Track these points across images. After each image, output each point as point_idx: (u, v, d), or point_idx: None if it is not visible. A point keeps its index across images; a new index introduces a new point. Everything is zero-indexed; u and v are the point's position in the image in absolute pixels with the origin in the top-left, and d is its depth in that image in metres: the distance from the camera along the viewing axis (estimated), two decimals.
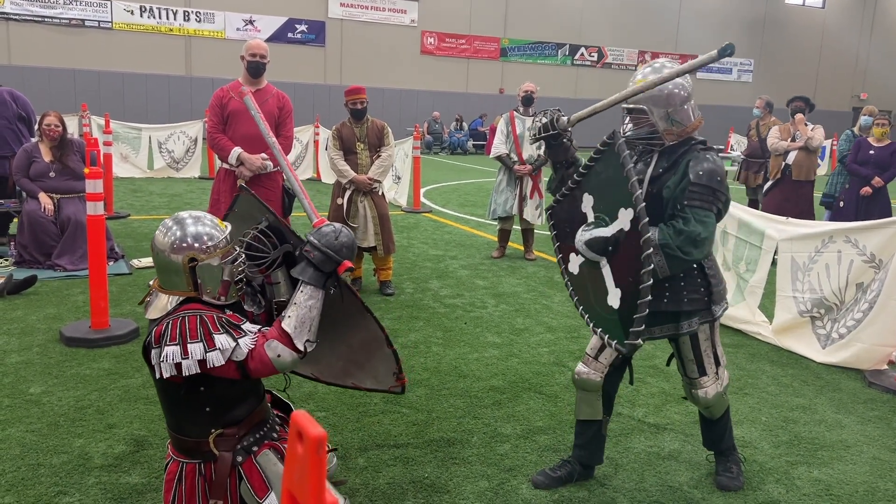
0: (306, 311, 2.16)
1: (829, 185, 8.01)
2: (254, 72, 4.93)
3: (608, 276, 2.59)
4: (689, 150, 2.70)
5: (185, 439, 2.29)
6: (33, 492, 2.75)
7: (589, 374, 2.93)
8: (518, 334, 4.95)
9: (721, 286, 2.84)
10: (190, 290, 2.22)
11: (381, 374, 2.69)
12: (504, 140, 7.24)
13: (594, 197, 2.71)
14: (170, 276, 2.23)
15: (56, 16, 21.31)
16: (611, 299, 2.57)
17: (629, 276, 2.48)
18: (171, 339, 2.08)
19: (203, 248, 2.20)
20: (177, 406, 2.27)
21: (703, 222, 2.58)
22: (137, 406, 3.54)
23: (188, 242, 2.19)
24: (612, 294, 2.56)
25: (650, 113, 2.70)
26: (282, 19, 23.98)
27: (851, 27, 33.45)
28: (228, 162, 4.86)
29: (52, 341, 4.38)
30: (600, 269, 2.62)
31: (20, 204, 6.42)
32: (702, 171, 2.60)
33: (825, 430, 3.64)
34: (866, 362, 4.42)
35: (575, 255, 2.76)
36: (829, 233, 4.70)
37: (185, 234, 2.21)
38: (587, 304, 2.74)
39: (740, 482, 3.03)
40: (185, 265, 2.19)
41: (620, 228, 2.52)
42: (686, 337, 2.83)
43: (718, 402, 2.94)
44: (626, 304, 2.49)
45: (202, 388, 2.21)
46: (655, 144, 2.76)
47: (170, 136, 13.18)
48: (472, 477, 3.02)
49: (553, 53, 28.46)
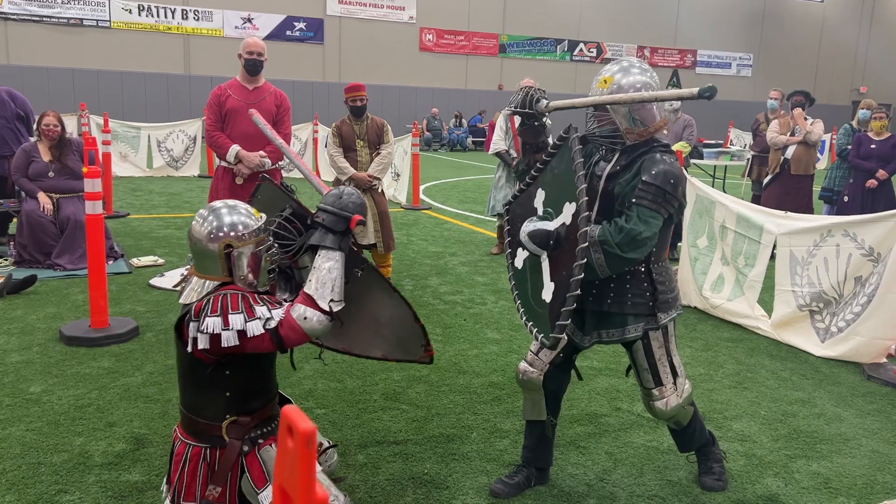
0: (325, 272, 2.23)
1: (828, 178, 8.01)
2: (251, 70, 4.92)
3: (545, 269, 2.55)
4: (648, 150, 2.62)
5: (199, 421, 2.34)
6: (34, 490, 2.76)
7: (528, 371, 2.86)
8: (517, 330, 4.95)
9: (671, 294, 2.74)
10: (225, 275, 2.30)
11: (410, 346, 2.78)
12: (503, 136, 7.23)
13: (545, 192, 2.69)
14: (206, 262, 2.31)
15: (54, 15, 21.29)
16: (544, 293, 2.53)
17: (563, 269, 2.44)
18: (213, 311, 2.16)
19: (238, 236, 2.29)
20: (199, 387, 2.33)
21: (647, 222, 2.51)
22: (137, 404, 3.55)
23: (224, 231, 2.28)
24: (546, 288, 2.52)
25: (612, 111, 2.63)
26: (280, 17, 23.95)
27: (850, 20, 33.39)
28: (227, 160, 4.86)
29: (52, 340, 4.39)
30: (540, 264, 2.59)
31: (19, 204, 6.42)
32: (655, 172, 2.53)
33: (824, 424, 3.64)
34: (865, 356, 4.42)
35: (521, 250, 2.73)
36: (828, 227, 4.70)
37: (220, 223, 2.30)
38: (524, 298, 2.70)
39: (724, 481, 2.97)
40: (221, 252, 2.28)
41: (563, 223, 2.50)
42: (639, 344, 2.75)
43: (679, 413, 2.84)
44: (556, 298, 2.45)
45: (227, 371, 2.28)
46: (617, 143, 2.67)
47: (169, 135, 13.18)
48: (471, 473, 3.02)
49: (552, 49, 28.42)
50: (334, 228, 2.28)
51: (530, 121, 2.85)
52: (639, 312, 2.69)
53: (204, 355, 2.20)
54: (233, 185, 4.91)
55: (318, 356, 2.92)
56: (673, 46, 30.41)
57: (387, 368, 4.10)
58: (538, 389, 2.86)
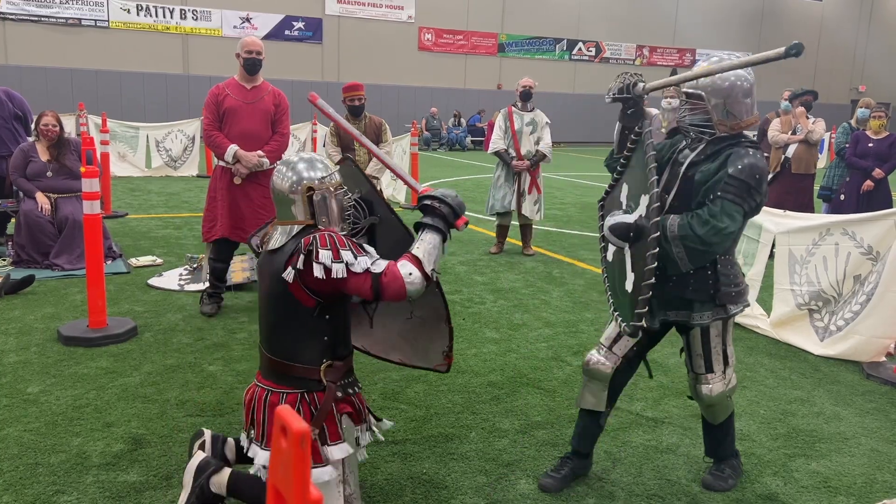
0: (431, 247, 2.42)
1: (827, 177, 8.00)
2: (250, 69, 4.91)
3: (627, 261, 2.65)
4: (735, 144, 2.66)
5: (296, 366, 2.44)
6: (31, 491, 2.75)
7: (600, 363, 2.90)
8: (516, 329, 4.95)
9: (736, 288, 2.77)
10: (308, 218, 2.45)
11: (430, 352, 2.83)
12: (502, 136, 7.22)
13: (629, 186, 2.77)
14: (288, 208, 2.47)
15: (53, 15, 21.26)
16: (627, 283, 2.64)
17: (640, 260, 2.52)
18: (322, 244, 2.30)
19: (319, 179, 2.46)
20: (298, 332, 2.44)
21: (731, 216, 2.55)
22: (135, 405, 3.54)
23: (306, 175, 2.46)
24: (628, 279, 2.63)
25: (707, 101, 2.67)
26: (279, 16, 23.93)
27: (849, 20, 33.40)
28: (225, 160, 4.85)
29: (49, 340, 4.38)
30: (624, 255, 2.69)
31: (17, 204, 6.41)
32: (741, 166, 2.56)
33: (823, 423, 3.64)
34: (864, 354, 4.42)
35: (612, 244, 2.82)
36: (827, 225, 4.70)
37: (301, 168, 2.48)
38: (613, 290, 2.81)
39: (728, 485, 2.95)
40: (304, 195, 2.44)
41: (640, 215, 2.58)
42: (697, 330, 2.82)
43: (722, 402, 2.89)
44: (635, 288, 2.55)
45: (327, 316, 2.43)
46: (706, 132, 2.72)
47: (167, 135, 13.16)
48: (470, 472, 3.02)
49: (551, 48, 28.41)
50: (447, 219, 2.48)
51: (629, 105, 2.81)
52: (701, 299, 2.74)
53: (307, 297, 2.35)
54: (231, 185, 4.90)
55: None
56: (672, 45, 30.41)
57: (386, 368, 4.10)
58: (605, 381, 2.91)
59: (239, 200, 4.92)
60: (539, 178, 7.31)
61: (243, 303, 5.35)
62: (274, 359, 2.47)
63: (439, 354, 2.79)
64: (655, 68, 29.53)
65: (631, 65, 29.67)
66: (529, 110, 7.26)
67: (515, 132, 7.15)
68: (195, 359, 4.18)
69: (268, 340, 2.51)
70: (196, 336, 4.57)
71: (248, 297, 5.51)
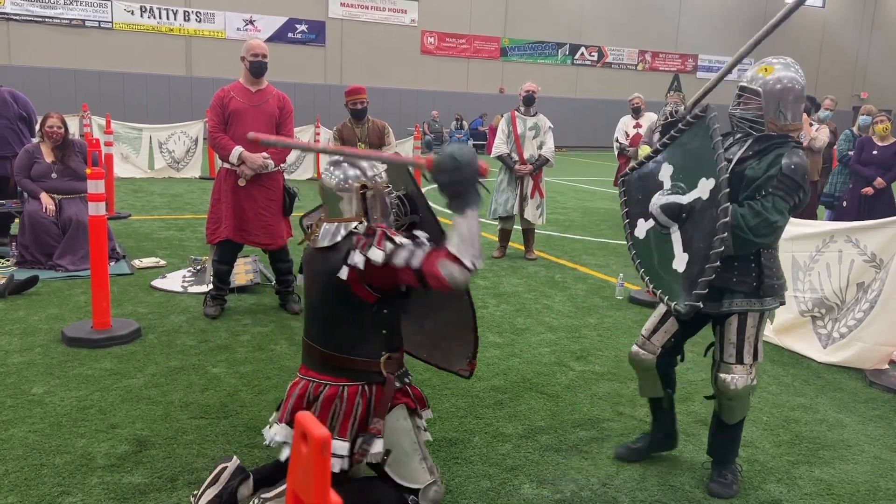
0: (466, 233, 2.31)
1: (830, 184, 8.01)
2: (256, 72, 4.93)
3: (677, 241, 2.72)
4: (783, 143, 2.77)
5: (356, 360, 2.50)
6: (36, 492, 2.76)
7: (639, 353, 3.08)
8: (519, 334, 4.95)
9: (778, 281, 2.87)
10: (359, 215, 2.50)
11: (454, 357, 2.89)
12: (505, 140, 7.23)
13: (674, 166, 2.83)
14: (338, 205, 2.51)
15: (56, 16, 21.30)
16: (676, 263, 2.69)
17: (700, 242, 2.61)
18: (378, 243, 2.36)
19: (371, 177, 2.52)
20: (359, 327, 2.51)
21: (781, 211, 2.68)
22: (140, 406, 3.54)
23: (359, 174, 2.51)
24: (679, 259, 2.70)
25: (762, 97, 2.78)
26: (282, 19, 23.97)
27: (852, 26, 33.43)
28: (230, 161, 4.86)
29: (53, 341, 4.38)
30: (669, 235, 2.76)
31: (21, 204, 6.42)
32: (793, 165, 2.69)
33: (826, 430, 3.64)
34: (867, 362, 4.42)
35: (644, 221, 2.88)
36: (830, 232, 4.70)
37: (355, 167, 2.53)
38: (649, 267, 2.86)
39: (733, 490, 2.96)
40: (357, 192, 2.49)
41: (698, 197, 2.66)
42: (734, 318, 2.86)
43: (743, 399, 2.92)
44: (691, 269, 2.63)
45: (385, 310, 2.51)
46: (756, 129, 2.82)
47: (170, 137, 13.17)
48: (473, 477, 3.02)
49: (553, 53, 28.45)
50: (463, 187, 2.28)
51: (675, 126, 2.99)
52: (743, 291, 2.82)
53: (368, 294, 2.42)
54: (235, 187, 4.91)
55: None
56: (674, 51, 30.44)
57: None
58: (651, 370, 3.08)
59: (243, 202, 4.93)
60: (541, 183, 7.32)
61: (246, 305, 5.36)
62: (331, 353, 2.52)
63: (463, 360, 2.85)
64: (658, 74, 29.57)
65: (633, 70, 29.70)
66: (532, 115, 7.27)
67: (518, 136, 7.16)
68: (199, 361, 4.19)
69: (322, 336, 2.55)
70: (200, 338, 4.58)
71: (251, 299, 5.52)
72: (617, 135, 9.71)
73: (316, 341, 2.57)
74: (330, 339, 2.53)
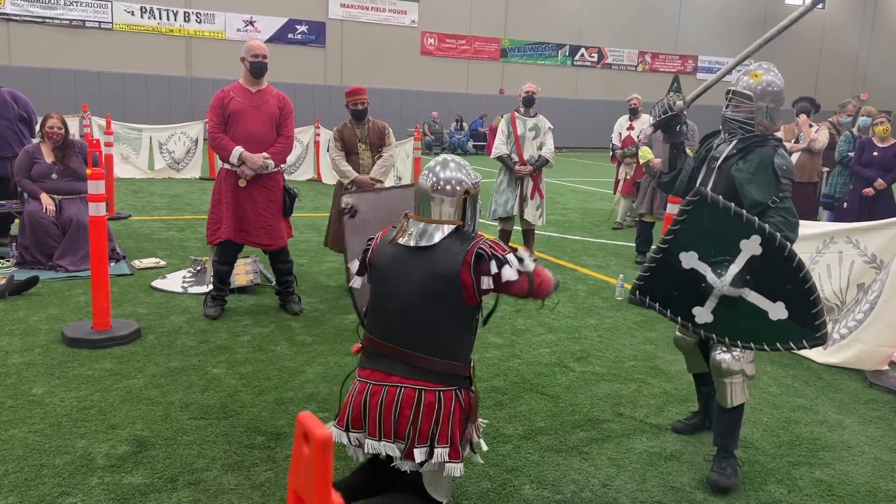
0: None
1: (829, 185, 8.01)
2: (256, 72, 4.93)
3: (758, 299, 2.77)
4: (764, 142, 3.05)
5: (456, 364, 2.51)
6: (36, 492, 2.75)
7: (683, 338, 3.39)
8: (519, 335, 4.95)
9: None
10: (458, 220, 2.55)
11: None
12: (505, 140, 7.23)
13: (697, 251, 2.85)
14: (440, 207, 2.55)
15: (57, 16, 21.32)
16: (775, 314, 2.75)
17: (787, 284, 2.71)
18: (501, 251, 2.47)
19: (474, 184, 2.59)
20: (458, 332, 2.53)
21: (793, 211, 3.00)
22: (140, 406, 3.54)
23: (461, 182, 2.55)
24: (775, 309, 2.75)
25: (754, 101, 3.05)
26: (282, 20, 23.99)
27: (851, 28, 33.45)
28: (230, 161, 4.86)
29: (54, 342, 4.38)
30: (745, 299, 2.79)
31: (22, 205, 6.42)
32: (785, 167, 3.01)
33: (826, 431, 3.64)
34: (867, 363, 4.42)
35: (700, 308, 2.86)
36: (830, 234, 4.71)
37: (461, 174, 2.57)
38: (745, 334, 2.83)
39: (732, 482, 2.99)
40: (461, 197, 2.54)
41: (751, 256, 2.74)
42: None
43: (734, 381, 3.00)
44: (796, 308, 2.72)
45: (478, 315, 2.58)
46: (746, 129, 3.09)
47: (170, 137, 13.18)
48: (474, 477, 3.02)
49: (553, 54, 28.47)
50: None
51: (673, 122, 3.23)
52: None
53: (473, 297, 2.46)
54: (236, 188, 4.91)
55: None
56: (674, 52, 30.47)
57: None
58: (695, 350, 3.37)
59: (243, 203, 4.94)
60: (541, 183, 7.31)
61: (246, 306, 5.36)
62: (428, 357, 2.46)
63: None
64: (657, 75, 29.58)
65: (633, 71, 29.72)
66: (532, 116, 7.27)
67: (518, 137, 7.16)
68: (199, 361, 4.19)
69: (417, 339, 2.47)
70: (200, 339, 4.58)
71: (251, 299, 5.52)
72: (612, 135, 9.68)
73: (404, 344, 2.48)
74: (426, 342, 2.47)
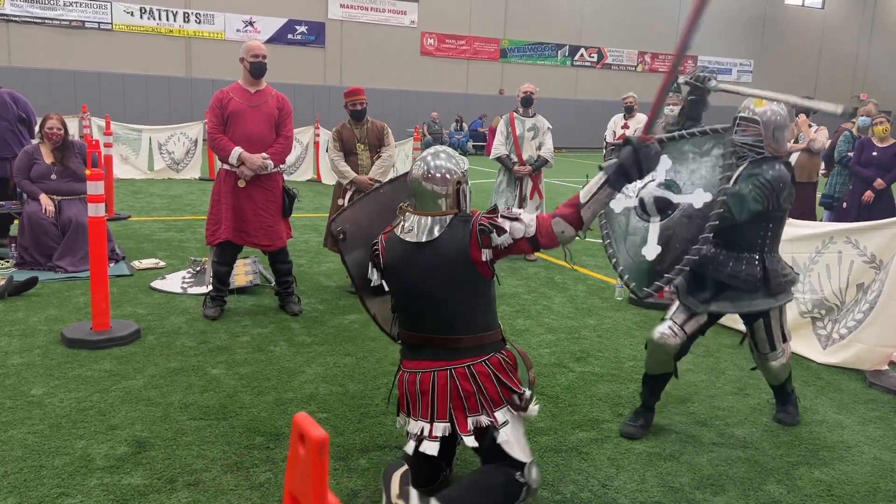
0: (599, 206, 2.62)
1: (829, 185, 8.01)
2: (256, 72, 4.93)
3: (653, 232, 2.97)
4: (774, 161, 3.24)
5: (488, 334, 2.68)
6: (35, 493, 2.75)
7: (670, 337, 3.38)
8: (519, 335, 4.95)
9: (785, 279, 3.34)
10: (453, 208, 2.68)
11: None
12: (504, 141, 7.24)
13: (673, 162, 3.06)
14: (435, 200, 2.67)
15: (56, 17, 21.33)
16: (646, 251, 2.94)
17: (677, 243, 2.90)
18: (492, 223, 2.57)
19: (463, 172, 2.72)
20: (483, 305, 2.69)
21: (755, 199, 3.11)
22: (139, 407, 3.54)
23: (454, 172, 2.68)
24: (651, 248, 2.94)
25: (762, 125, 3.26)
26: (282, 20, 24.00)
27: (851, 27, 33.46)
28: (229, 162, 4.86)
29: (53, 343, 4.38)
30: (647, 224, 3.01)
31: (21, 206, 6.42)
32: (772, 172, 3.18)
33: (826, 431, 3.64)
34: (867, 363, 4.42)
35: (625, 198, 3.07)
36: (830, 233, 4.70)
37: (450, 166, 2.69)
38: (616, 239, 3.10)
39: (797, 420, 3.61)
40: (454, 188, 2.67)
41: (690, 203, 2.92)
42: (760, 322, 3.44)
43: (783, 370, 3.56)
44: (661, 262, 2.88)
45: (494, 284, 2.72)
46: (757, 151, 3.28)
47: (170, 138, 13.18)
48: None
49: (553, 54, 28.48)
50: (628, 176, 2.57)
51: (697, 95, 3.47)
52: (750, 289, 3.28)
53: (488, 270, 2.61)
54: (235, 188, 4.91)
55: None
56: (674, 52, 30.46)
57: (389, 373, 4.10)
58: (672, 352, 3.40)
59: (243, 203, 4.93)
60: (541, 184, 7.32)
61: (246, 306, 5.36)
62: (464, 337, 2.63)
63: None
64: (657, 75, 29.58)
65: (633, 71, 29.73)
66: (531, 116, 7.28)
67: (517, 138, 7.16)
68: (198, 362, 4.18)
69: (446, 324, 2.64)
70: (199, 339, 4.58)
71: (250, 300, 5.52)
72: (606, 133, 9.63)
73: (440, 332, 2.65)
74: (462, 325, 2.64)
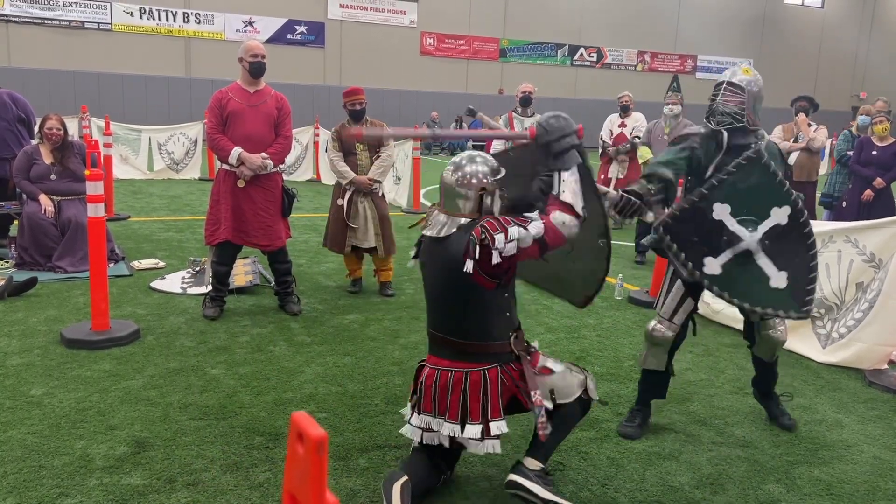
0: (574, 185, 2.66)
1: (828, 184, 8.01)
2: (256, 72, 4.93)
3: (766, 264, 3.11)
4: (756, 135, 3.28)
5: (492, 344, 2.68)
6: (35, 494, 2.75)
7: (663, 331, 3.43)
8: None
9: None
10: (474, 213, 2.68)
11: (572, 290, 3.16)
12: (503, 142, 7.23)
13: (731, 205, 3.12)
14: (455, 201, 2.70)
15: (56, 17, 21.33)
16: (775, 282, 3.10)
17: (794, 258, 3.09)
18: (494, 230, 2.55)
19: (491, 179, 2.70)
20: (487, 313, 2.67)
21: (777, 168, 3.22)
22: (139, 407, 3.54)
23: (478, 178, 2.68)
24: (777, 277, 3.10)
25: (747, 94, 3.24)
26: (281, 20, 24.00)
27: (850, 26, 33.47)
28: (229, 162, 4.86)
29: (52, 343, 4.38)
30: (755, 261, 3.12)
31: (20, 206, 6.42)
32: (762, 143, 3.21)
33: (825, 430, 3.64)
34: (866, 362, 4.42)
35: (713, 258, 3.14)
36: (829, 233, 4.71)
37: (476, 170, 2.70)
38: (743, 293, 3.15)
39: (793, 423, 3.63)
40: (477, 192, 2.67)
41: (776, 224, 3.09)
42: None
43: (780, 343, 3.60)
44: (797, 282, 3.08)
45: (506, 294, 2.70)
46: (737, 121, 3.25)
47: (170, 138, 13.18)
48: (473, 477, 3.02)
49: (552, 54, 28.48)
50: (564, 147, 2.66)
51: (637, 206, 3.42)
52: None
53: (487, 282, 2.60)
54: (234, 188, 4.91)
55: None
56: (673, 52, 30.48)
57: (388, 373, 4.10)
58: (667, 345, 3.45)
59: (242, 203, 4.93)
60: None
61: (245, 306, 5.36)
62: (465, 342, 2.67)
63: (580, 295, 3.09)
64: (657, 74, 29.59)
65: (632, 70, 29.73)
66: (530, 115, 7.29)
67: None
68: (198, 362, 4.19)
69: (451, 326, 2.69)
70: (199, 339, 4.58)
71: (250, 300, 5.52)
72: (602, 132, 9.55)
73: (445, 332, 2.71)
74: (463, 328, 2.67)
